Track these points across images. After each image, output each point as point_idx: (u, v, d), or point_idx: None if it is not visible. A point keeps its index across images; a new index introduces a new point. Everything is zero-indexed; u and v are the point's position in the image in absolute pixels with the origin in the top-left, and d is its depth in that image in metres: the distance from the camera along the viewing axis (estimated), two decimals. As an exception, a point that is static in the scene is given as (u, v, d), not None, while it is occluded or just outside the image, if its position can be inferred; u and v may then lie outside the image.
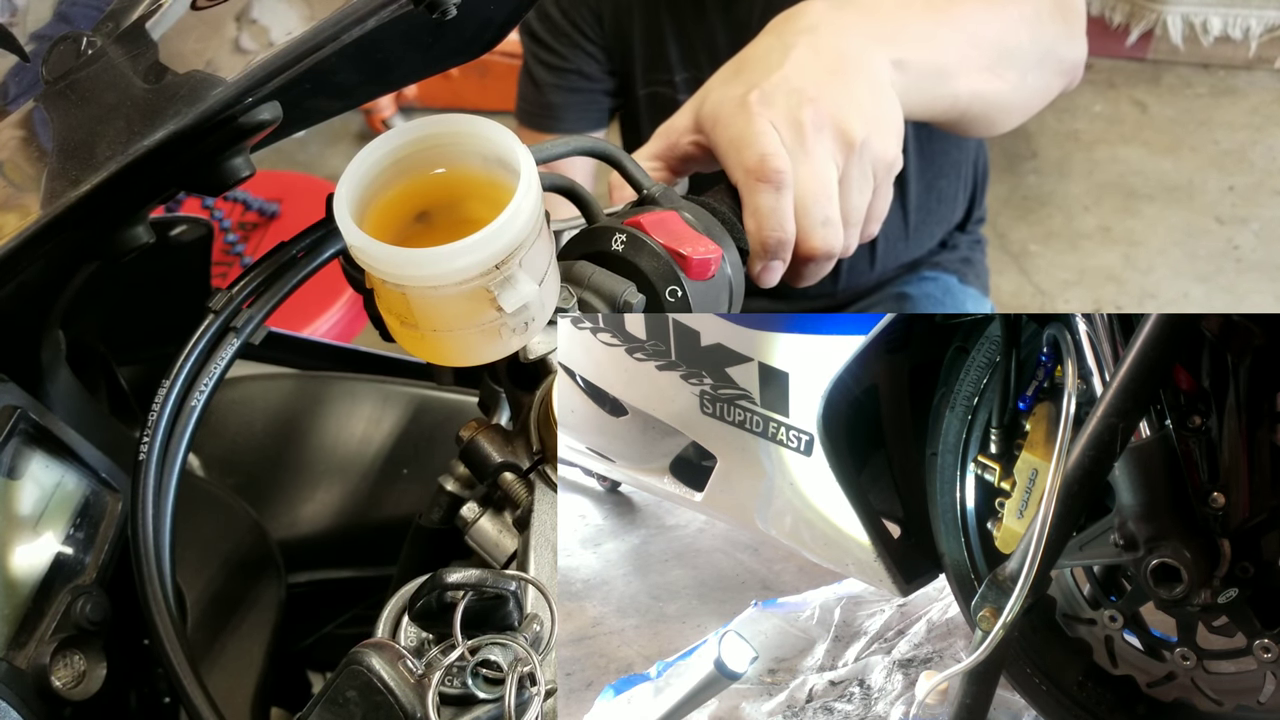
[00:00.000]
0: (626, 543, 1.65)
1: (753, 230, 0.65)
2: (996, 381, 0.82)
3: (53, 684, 0.50)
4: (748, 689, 1.11)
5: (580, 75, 1.35)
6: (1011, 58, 0.81)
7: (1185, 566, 0.68)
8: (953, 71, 0.76)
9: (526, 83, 1.39)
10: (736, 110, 0.66)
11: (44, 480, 0.54)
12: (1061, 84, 0.89)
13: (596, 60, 1.34)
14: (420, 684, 0.43)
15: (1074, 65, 0.89)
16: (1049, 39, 0.85)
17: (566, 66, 1.34)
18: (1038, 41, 0.84)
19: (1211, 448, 0.69)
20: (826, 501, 0.94)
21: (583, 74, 1.35)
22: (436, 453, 0.90)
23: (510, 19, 0.64)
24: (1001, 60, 0.80)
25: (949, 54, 0.76)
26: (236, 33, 0.55)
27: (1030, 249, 2.67)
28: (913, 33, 0.73)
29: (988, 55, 0.79)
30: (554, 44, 1.33)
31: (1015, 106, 0.85)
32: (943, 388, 0.87)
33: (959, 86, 0.77)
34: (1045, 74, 0.86)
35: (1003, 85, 0.81)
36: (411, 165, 0.49)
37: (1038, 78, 0.85)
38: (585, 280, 0.58)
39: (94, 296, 0.72)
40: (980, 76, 0.78)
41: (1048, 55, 0.86)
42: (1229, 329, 0.68)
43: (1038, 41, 0.84)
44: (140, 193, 0.52)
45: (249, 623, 0.72)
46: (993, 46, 0.80)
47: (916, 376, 0.92)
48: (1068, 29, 0.87)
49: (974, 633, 0.67)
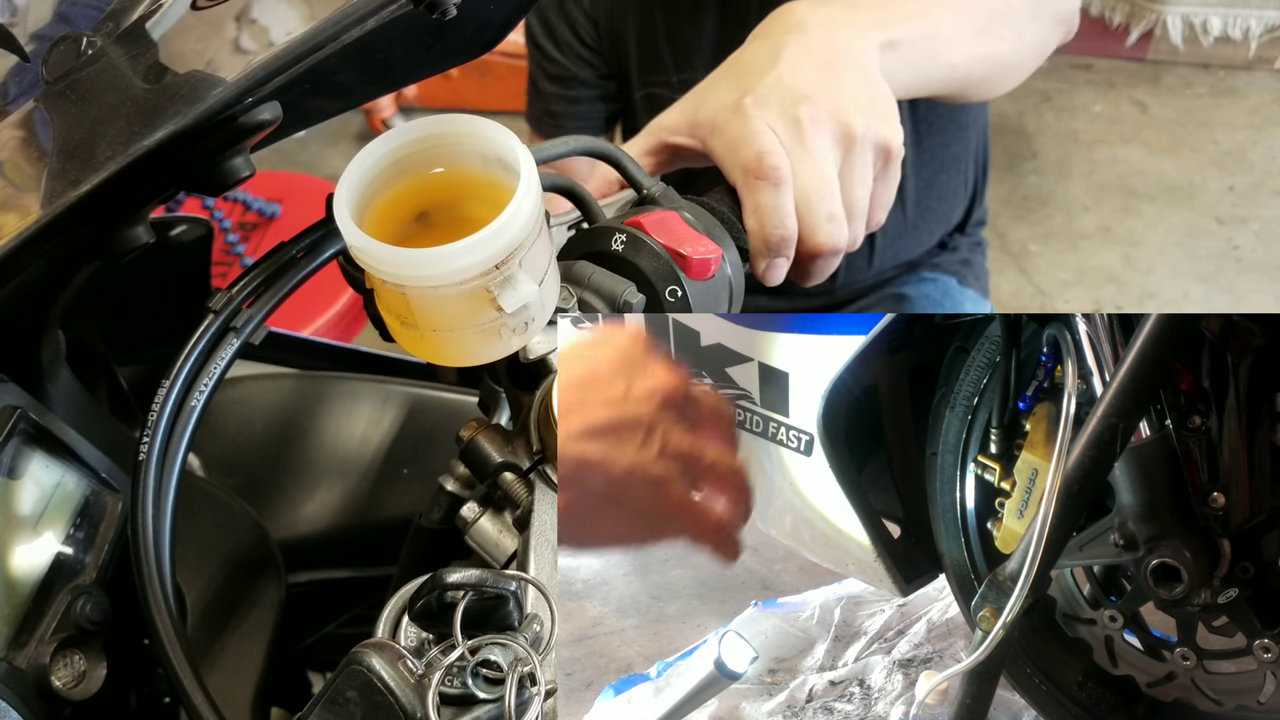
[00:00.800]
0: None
1: (754, 228, 0.65)
2: (996, 381, 0.82)
3: (53, 684, 0.50)
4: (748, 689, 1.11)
5: (579, 83, 1.36)
6: (1004, 16, 0.81)
7: (1185, 566, 0.68)
8: (946, 42, 0.76)
9: (532, 91, 1.42)
10: (732, 115, 0.66)
11: (44, 480, 0.54)
12: (1060, 34, 0.89)
13: (593, 66, 1.35)
14: (420, 684, 0.43)
15: (1069, 14, 0.89)
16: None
17: (566, 75, 1.35)
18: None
19: (1211, 448, 0.69)
20: (826, 501, 0.94)
21: (582, 81, 1.36)
22: (436, 453, 0.90)
23: (510, 19, 0.64)
24: (994, 21, 0.80)
25: (940, 26, 0.76)
26: (236, 33, 0.55)
27: (1030, 249, 2.67)
28: (900, 11, 0.73)
29: (980, 18, 0.79)
30: (554, 52, 1.34)
31: (1015, 65, 0.84)
32: (943, 388, 0.87)
33: (954, 55, 0.77)
34: (1041, 26, 0.86)
35: (1000, 46, 0.80)
36: (411, 165, 0.49)
37: (1034, 31, 0.85)
38: (585, 280, 0.58)
39: (94, 296, 0.72)
40: (976, 40, 0.78)
41: (1041, 6, 0.85)
42: (1229, 329, 0.68)
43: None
44: (140, 193, 0.52)
45: (249, 623, 0.72)
46: (983, 8, 0.79)
47: (916, 376, 0.92)
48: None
49: (974, 633, 0.67)
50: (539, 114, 1.41)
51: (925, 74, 0.75)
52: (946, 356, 0.87)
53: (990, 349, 0.83)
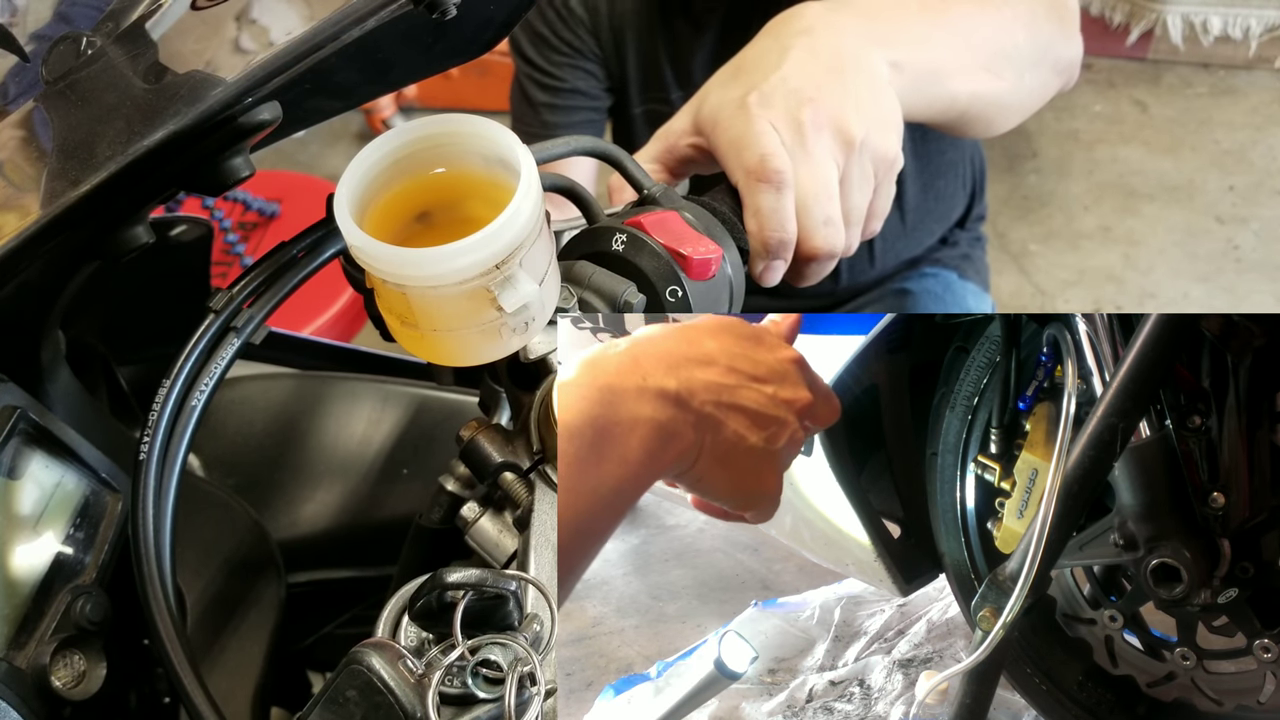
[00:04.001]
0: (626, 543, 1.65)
1: (754, 230, 0.65)
2: (996, 381, 0.82)
3: (53, 684, 0.50)
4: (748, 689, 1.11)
5: (577, 93, 1.34)
6: (1008, 58, 0.81)
7: (1185, 566, 0.68)
8: (949, 72, 0.76)
9: (522, 103, 1.37)
10: (736, 112, 0.66)
11: (44, 480, 0.54)
12: (1059, 83, 0.90)
13: (595, 77, 1.34)
14: (420, 683, 0.43)
15: (1070, 64, 0.90)
16: (1045, 38, 0.86)
17: (563, 86, 1.33)
18: (1034, 41, 0.84)
19: (1211, 448, 0.69)
20: (826, 501, 0.94)
21: (580, 92, 1.34)
22: (436, 453, 0.90)
23: (510, 19, 0.64)
24: (998, 60, 0.80)
25: (945, 55, 0.76)
26: (236, 33, 0.55)
27: (1030, 249, 2.67)
28: (909, 35, 0.74)
29: (984, 56, 0.79)
30: (549, 66, 1.32)
31: (1013, 106, 0.85)
32: (943, 388, 0.87)
33: (956, 87, 0.77)
34: (1042, 73, 0.87)
35: (1001, 85, 0.81)
36: (412, 165, 0.49)
37: (1035, 77, 0.86)
38: (586, 280, 0.58)
39: (94, 296, 0.72)
40: (978, 77, 0.79)
41: (1044, 54, 0.86)
42: (1229, 329, 0.68)
43: (1034, 41, 0.84)
44: (140, 193, 0.52)
45: (249, 623, 0.72)
46: (989, 47, 0.80)
47: (916, 376, 0.92)
48: (1063, 28, 0.88)
49: (974, 633, 0.67)
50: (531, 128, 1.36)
51: (925, 101, 0.75)
52: (946, 356, 0.87)
53: (990, 349, 0.83)
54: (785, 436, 0.48)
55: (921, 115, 0.77)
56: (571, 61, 1.32)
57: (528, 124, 1.37)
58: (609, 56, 1.32)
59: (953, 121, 0.82)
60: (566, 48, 1.31)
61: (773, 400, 0.47)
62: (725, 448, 0.46)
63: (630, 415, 0.42)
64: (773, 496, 0.49)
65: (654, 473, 0.43)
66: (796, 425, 0.48)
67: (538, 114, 1.36)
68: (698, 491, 0.48)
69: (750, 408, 0.46)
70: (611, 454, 0.42)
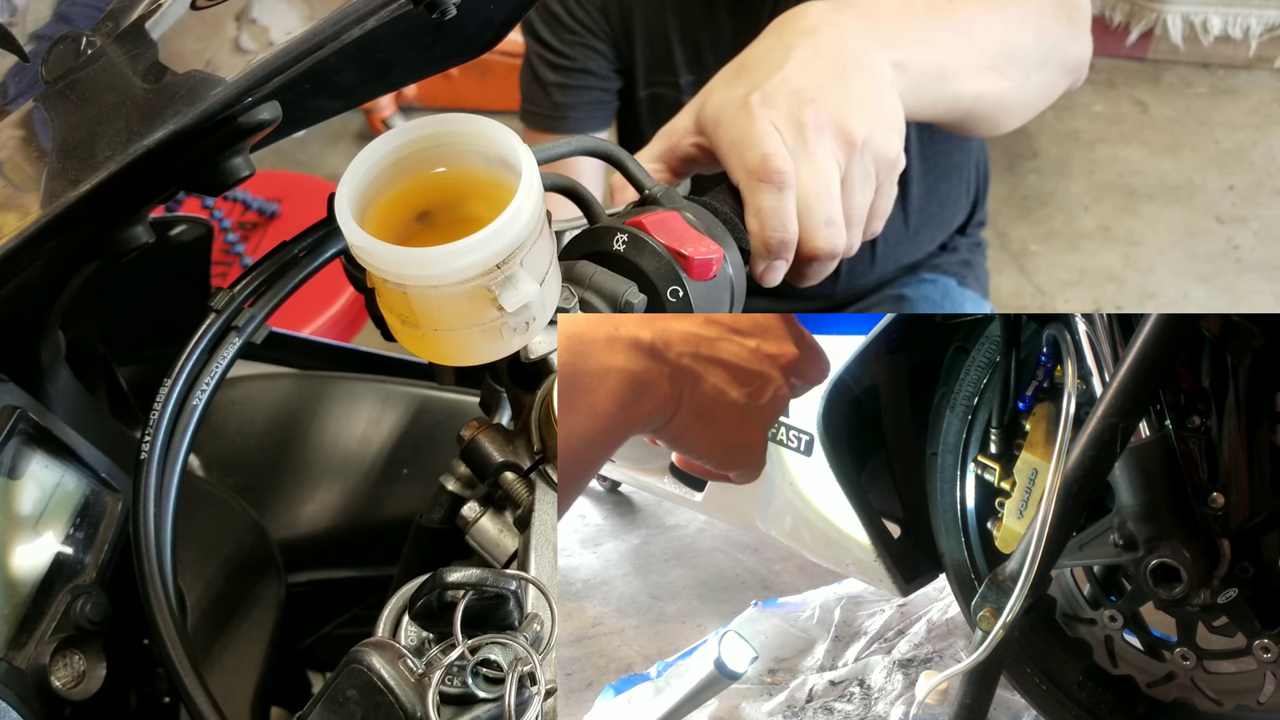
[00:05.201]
0: (626, 543, 1.65)
1: (755, 231, 0.65)
2: (996, 381, 0.82)
3: (52, 684, 0.50)
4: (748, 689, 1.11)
5: (588, 74, 1.34)
6: (1014, 57, 0.81)
7: (1185, 566, 0.68)
8: (954, 72, 0.76)
9: (532, 84, 1.38)
10: (738, 111, 0.66)
11: (44, 480, 0.54)
12: (1066, 82, 0.89)
13: (606, 58, 1.34)
14: (420, 683, 0.43)
15: (1078, 63, 0.89)
16: (1053, 37, 0.85)
17: (574, 66, 1.34)
18: (1041, 40, 0.84)
19: (1211, 448, 0.70)
20: (826, 501, 0.94)
21: (590, 72, 1.34)
22: (437, 452, 0.90)
23: (510, 19, 0.64)
24: (1004, 60, 0.80)
25: (950, 55, 0.76)
26: (236, 32, 0.55)
27: (1030, 249, 2.67)
28: (913, 34, 0.73)
29: (990, 55, 0.79)
30: (560, 45, 1.33)
31: (1019, 106, 0.85)
32: (943, 388, 0.87)
33: (961, 87, 0.77)
34: (1049, 73, 0.86)
35: (1007, 85, 0.81)
36: (413, 165, 0.49)
37: (1042, 77, 0.85)
38: (586, 280, 0.59)
39: (94, 296, 0.72)
40: (983, 76, 0.79)
41: (1052, 54, 0.86)
42: (1229, 329, 0.68)
43: (1041, 40, 0.84)
44: (140, 193, 0.52)
45: (249, 623, 0.72)
46: (995, 46, 0.80)
47: (916, 376, 0.92)
48: (1071, 27, 0.87)
49: (974, 633, 0.67)
50: (540, 109, 1.37)
51: (930, 99, 0.75)
52: (946, 356, 0.87)
53: (990, 349, 0.83)
54: (769, 392, 0.46)
55: (925, 115, 0.77)
56: (583, 41, 1.32)
57: (538, 104, 1.37)
58: (619, 36, 1.33)
59: (958, 121, 0.81)
60: (579, 26, 1.31)
61: (755, 354, 0.46)
62: (705, 402, 0.44)
63: (600, 365, 0.41)
64: (757, 455, 0.48)
65: (626, 425, 0.42)
66: (781, 381, 0.47)
67: (548, 94, 1.36)
68: (678, 448, 0.47)
69: (731, 361, 0.45)
70: (580, 404, 0.41)
